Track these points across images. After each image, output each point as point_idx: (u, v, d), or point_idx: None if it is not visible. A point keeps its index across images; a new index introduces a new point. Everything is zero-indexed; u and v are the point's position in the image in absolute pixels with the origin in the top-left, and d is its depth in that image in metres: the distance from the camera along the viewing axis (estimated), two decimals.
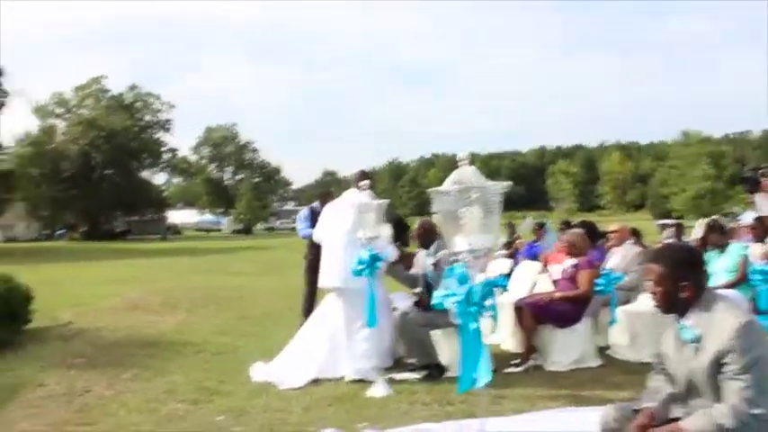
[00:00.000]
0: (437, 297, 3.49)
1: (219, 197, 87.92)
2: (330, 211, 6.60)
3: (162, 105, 66.64)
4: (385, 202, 5.84)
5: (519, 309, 6.63)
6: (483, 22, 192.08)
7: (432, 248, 6.00)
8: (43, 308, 9.59)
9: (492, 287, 3.44)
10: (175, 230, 67.93)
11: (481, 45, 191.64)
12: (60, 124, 61.29)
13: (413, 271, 6.76)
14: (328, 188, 8.62)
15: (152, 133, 66.56)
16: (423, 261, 6.33)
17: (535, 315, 6.46)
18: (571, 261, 6.79)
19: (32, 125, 58.94)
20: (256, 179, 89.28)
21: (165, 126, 67.14)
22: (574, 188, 72.22)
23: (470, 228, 3.20)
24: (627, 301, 7.27)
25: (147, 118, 66.45)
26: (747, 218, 9.46)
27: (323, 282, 6.43)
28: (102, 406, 5.39)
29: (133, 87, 65.67)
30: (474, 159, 6.25)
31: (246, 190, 79.87)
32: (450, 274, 3.40)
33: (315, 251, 8.35)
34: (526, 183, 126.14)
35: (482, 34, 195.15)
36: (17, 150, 55.39)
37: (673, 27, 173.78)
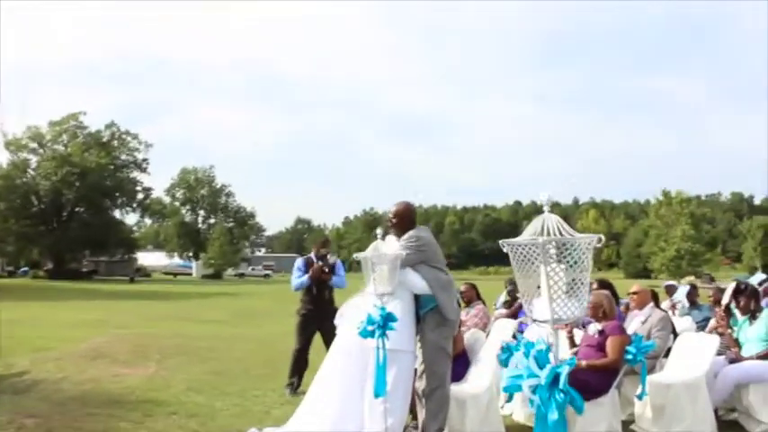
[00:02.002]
0: (508, 378, 2.75)
1: (191, 240, 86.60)
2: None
3: (139, 144, 65.80)
4: (401, 253, 5.07)
5: None
6: (459, 75, 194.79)
7: None
8: None
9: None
10: (144, 273, 66.32)
11: (457, 98, 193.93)
12: (33, 159, 60.02)
13: None
14: (324, 236, 7.93)
15: (127, 172, 65.50)
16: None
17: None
18: (596, 325, 6.08)
19: (3, 158, 57.59)
20: (230, 224, 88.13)
21: (141, 166, 66.24)
22: None
23: (555, 290, 2.50)
24: (650, 370, 6.57)
25: (124, 157, 65.52)
26: (755, 279, 8.91)
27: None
28: None
29: (111, 125, 64.93)
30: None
31: (219, 234, 78.64)
32: (527, 348, 2.69)
33: (310, 305, 7.64)
34: (499, 238, 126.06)
35: (458, 87, 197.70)
36: None
37: (648, 85, 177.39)
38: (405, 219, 5.51)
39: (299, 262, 7.83)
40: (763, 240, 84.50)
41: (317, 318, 7.50)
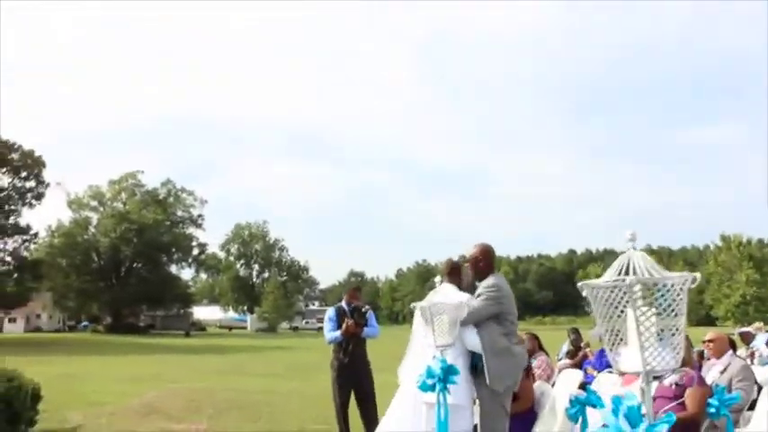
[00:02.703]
0: None
1: (245, 294, 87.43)
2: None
3: (195, 201, 67.17)
4: (463, 300, 4.78)
5: None
6: (512, 126, 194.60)
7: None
8: (53, 407, 8.65)
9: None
10: (200, 327, 66.87)
11: (510, 149, 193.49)
12: (93, 216, 61.77)
13: None
14: (356, 283, 7.61)
15: (183, 228, 66.80)
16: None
17: None
18: (674, 376, 5.65)
19: (65, 216, 59.38)
20: (283, 277, 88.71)
21: (196, 222, 67.49)
22: None
23: (646, 337, 2.21)
24: (735, 424, 6.06)
25: (180, 213, 66.90)
26: None
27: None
28: None
29: (167, 182, 66.57)
30: (501, 262, 5.24)
31: (273, 288, 79.04)
32: (616, 404, 2.38)
33: (343, 355, 7.37)
34: (554, 287, 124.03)
35: (511, 138, 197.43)
36: (50, 240, 55.65)
37: (693, 135, 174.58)
38: (488, 260, 5.21)
39: (331, 312, 7.56)
40: None
41: (351, 371, 7.24)
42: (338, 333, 7.31)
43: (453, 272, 5.25)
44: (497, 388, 4.91)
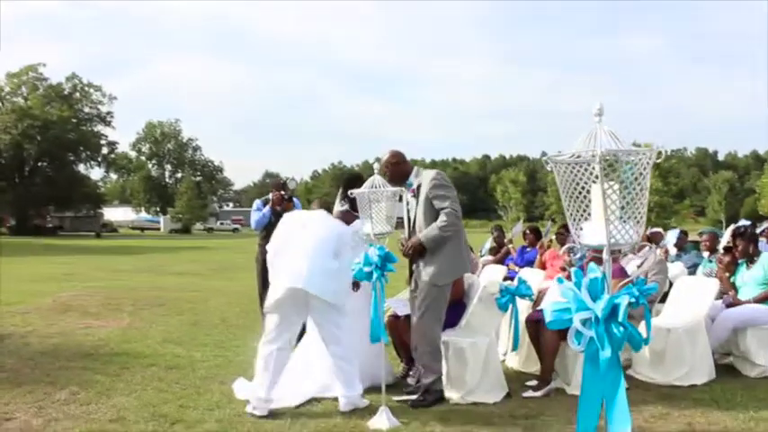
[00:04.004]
0: (551, 311, 2.41)
1: (157, 195, 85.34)
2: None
3: (103, 97, 63.97)
4: (396, 189, 4.72)
5: (535, 322, 5.64)
6: (436, 32, 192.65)
7: None
8: None
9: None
10: (111, 228, 65.17)
11: (431, 55, 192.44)
12: None
13: None
14: (283, 179, 7.27)
15: (91, 126, 63.75)
16: None
17: (559, 331, 5.46)
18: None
19: None
20: (197, 178, 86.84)
21: (105, 119, 64.57)
22: (522, 197, 72.18)
23: (612, 210, 2.17)
24: None
25: (87, 110, 63.71)
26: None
27: (291, 281, 4.70)
28: None
29: (72, 77, 62.89)
30: (417, 165, 5.31)
31: (187, 188, 77.36)
32: (578, 277, 2.36)
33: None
34: (469, 192, 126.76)
35: (433, 44, 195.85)
36: None
37: (609, 43, 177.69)
38: (403, 160, 5.19)
39: (257, 202, 7.35)
40: (728, 195, 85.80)
41: None
42: (266, 209, 7.09)
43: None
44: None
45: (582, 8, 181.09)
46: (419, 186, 5.09)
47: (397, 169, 5.17)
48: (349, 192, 4.77)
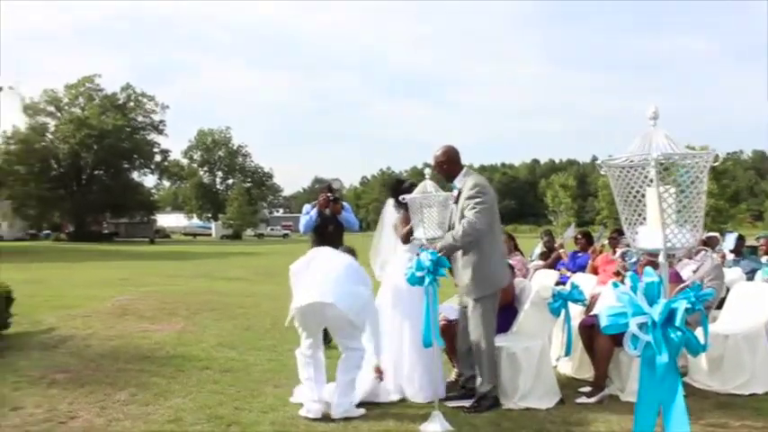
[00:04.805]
0: (606, 315, 2.41)
1: (209, 201, 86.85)
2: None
3: (156, 106, 65.36)
4: (448, 194, 4.74)
5: (588, 328, 5.58)
6: (481, 35, 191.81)
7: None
8: (24, 311, 8.57)
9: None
10: (164, 234, 66.56)
11: (477, 58, 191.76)
12: (51, 122, 59.89)
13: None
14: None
15: (144, 135, 65.19)
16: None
17: (613, 336, 5.40)
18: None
19: (22, 123, 57.36)
20: (247, 184, 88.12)
21: (157, 127, 65.88)
22: (572, 202, 71.03)
23: (668, 214, 2.16)
24: None
25: (140, 119, 65.17)
26: None
27: (309, 297, 5.01)
28: None
29: (126, 87, 64.42)
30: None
31: (237, 195, 78.53)
32: (634, 282, 2.35)
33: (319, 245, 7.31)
34: (518, 197, 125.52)
35: (479, 47, 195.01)
36: (5, 147, 54.04)
37: (666, 46, 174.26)
38: (451, 161, 5.21)
39: (307, 206, 7.46)
40: None
41: None
42: (313, 211, 7.17)
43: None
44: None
45: (624, 8, 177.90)
46: (459, 192, 5.10)
47: (443, 170, 5.26)
48: (401, 197, 4.82)
